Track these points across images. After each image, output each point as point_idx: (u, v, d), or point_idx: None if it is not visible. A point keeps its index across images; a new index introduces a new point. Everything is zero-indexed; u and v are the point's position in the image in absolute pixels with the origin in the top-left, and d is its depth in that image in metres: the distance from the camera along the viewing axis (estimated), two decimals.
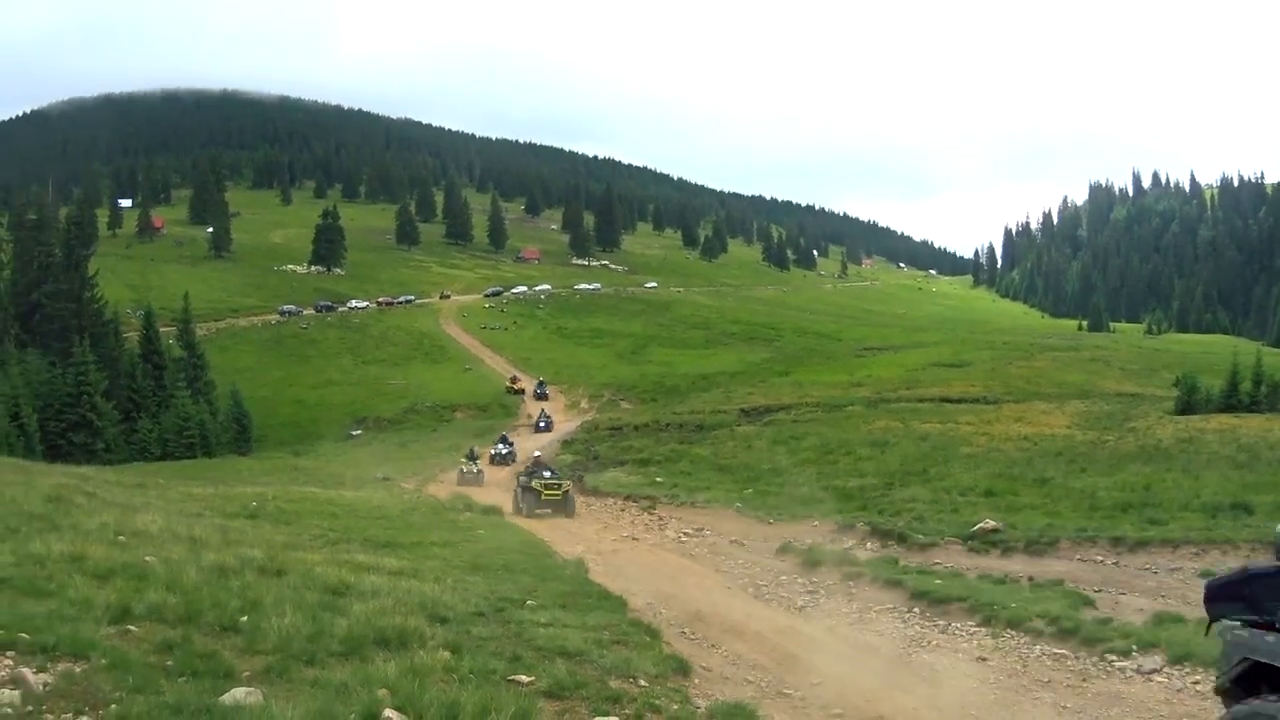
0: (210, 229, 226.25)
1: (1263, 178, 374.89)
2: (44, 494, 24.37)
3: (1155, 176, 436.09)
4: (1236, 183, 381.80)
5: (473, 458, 61.62)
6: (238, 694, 8.88)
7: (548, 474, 44.39)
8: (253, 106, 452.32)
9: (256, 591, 13.50)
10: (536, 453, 54.02)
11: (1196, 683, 14.15)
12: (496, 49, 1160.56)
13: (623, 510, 43.41)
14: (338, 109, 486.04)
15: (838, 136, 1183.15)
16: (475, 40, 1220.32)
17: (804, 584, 24.07)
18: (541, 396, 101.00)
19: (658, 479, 51.14)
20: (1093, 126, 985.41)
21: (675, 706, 11.53)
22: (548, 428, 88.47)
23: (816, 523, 33.39)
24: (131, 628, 10.91)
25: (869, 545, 29.24)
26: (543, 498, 42.02)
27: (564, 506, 42.07)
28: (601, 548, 30.23)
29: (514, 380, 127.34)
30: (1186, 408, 65.31)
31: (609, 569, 25.35)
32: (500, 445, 66.24)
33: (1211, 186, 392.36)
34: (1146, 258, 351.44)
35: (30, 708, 8.33)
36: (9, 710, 8.19)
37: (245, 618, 11.92)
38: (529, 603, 17.34)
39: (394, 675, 10.09)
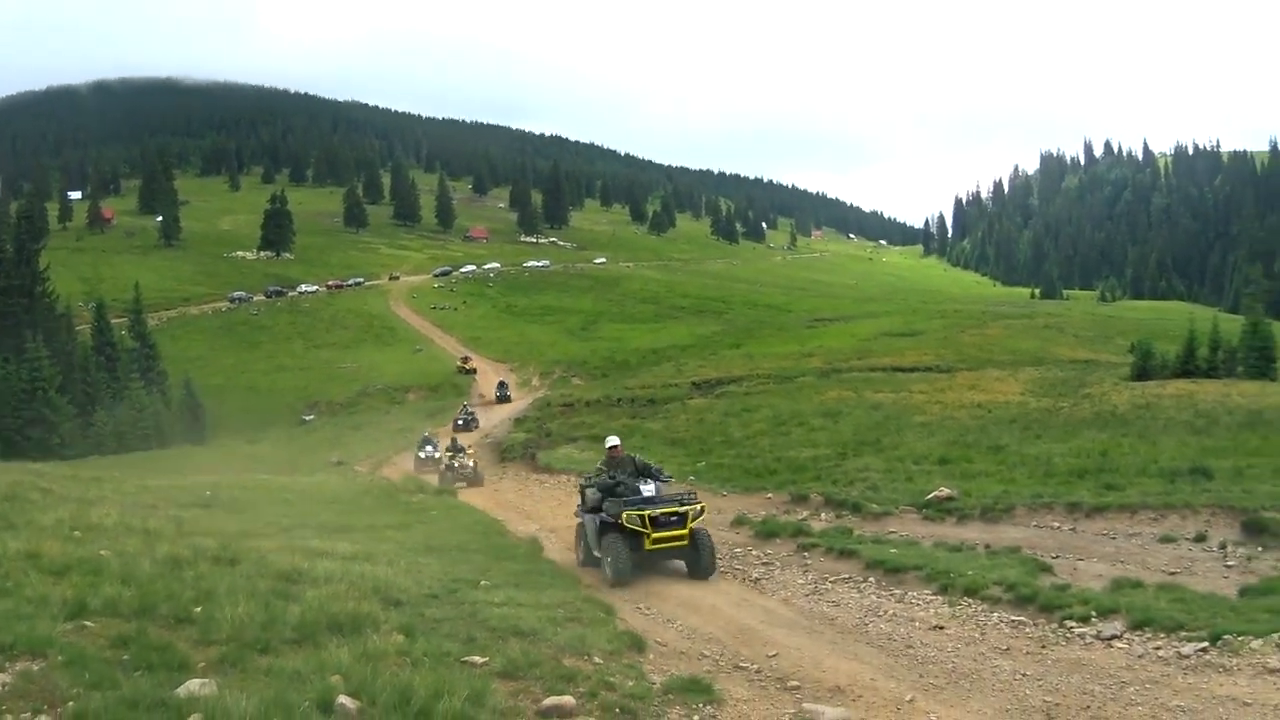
0: (160, 218, 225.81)
1: (1218, 145, 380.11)
2: None
3: (1107, 145, 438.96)
4: (1191, 151, 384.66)
5: (430, 441, 59.09)
6: (192, 686, 8.89)
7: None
8: (199, 94, 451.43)
9: (210, 581, 13.43)
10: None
11: (1157, 648, 14.17)
12: (441, 30, 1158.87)
13: (576, 487, 43.55)
14: (284, 93, 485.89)
15: (787, 109, 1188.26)
16: (419, 22, 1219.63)
17: (759, 556, 23.96)
18: (503, 399, 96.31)
19: None
20: (1044, 96, 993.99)
21: (630, 683, 11.57)
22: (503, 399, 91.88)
23: (770, 494, 33.32)
24: (88, 623, 10.87)
25: (823, 516, 29.15)
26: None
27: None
28: (555, 525, 30.24)
29: (465, 360, 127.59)
30: (1142, 374, 65.37)
31: (563, 546, 25.55)
32: (429, 447, 58.69)
33: (1165, 155, 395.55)
34: (1099, 226, 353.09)
35: None
36: None
37: (199, 608, 11.87)
38: (483, 583, 17.39)
39: (347, 661, 10.12)
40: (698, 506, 22.22)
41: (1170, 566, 20.42)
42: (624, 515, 21.46)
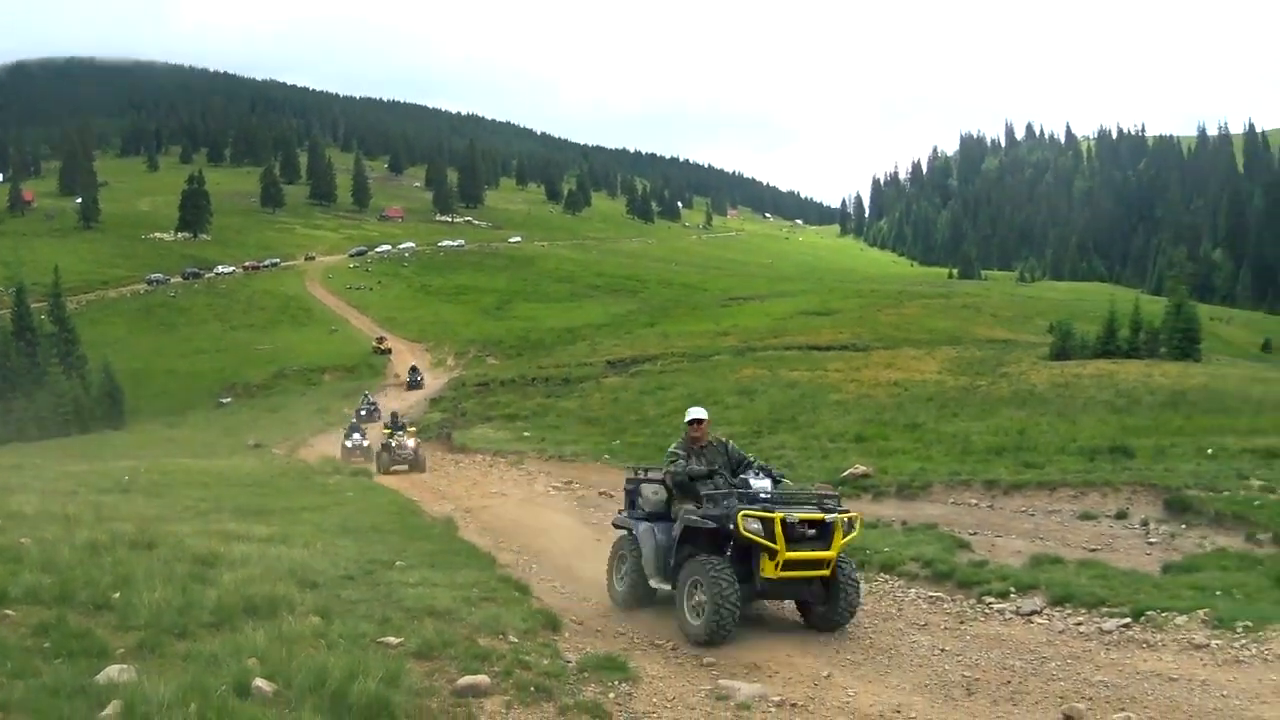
0: (79, 200, 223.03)
1: (1144, 130, 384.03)
2: None
3: (1029, 128, 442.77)
4: (1115, 135, 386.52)
5: (357, 428, 54.97)
6: (112, 672, 8.95)
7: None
8: (118, 73, 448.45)
9: (128, 567, 13.42)
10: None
11: (1079, 624, 14.41)
12: (359, 9, 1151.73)
13: (491, 466, 43.52)
14: (203, 72, 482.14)
15: (704, 89, 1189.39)
16: (337, 1, 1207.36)
17: None
18: (415, 385, 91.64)
19: (525, 434, 51.35)
20: (965, 78, 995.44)
21: (545, 661, 11.62)
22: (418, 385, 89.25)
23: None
24: (9, 611, 10.92)
25: None
26: None
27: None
28: (470, 505, 30.34)
29: (380, 340, 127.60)
30: (1061, 354, 66.06)
31: (478, 526, 25.67)
32: (356, 435, 53.83)
33: (1088, 138, 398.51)
34: (1019, 207, 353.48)
35: None
36: None
37: (117, 594, 11.89)
38: (398, 563, 17.41)
39: (263, 644, 10.16)
40: (848, 515, 14.77)
41: (1091, 543, 20.74)
42: (739, 517, 13.81)
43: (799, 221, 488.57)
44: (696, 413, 16.53)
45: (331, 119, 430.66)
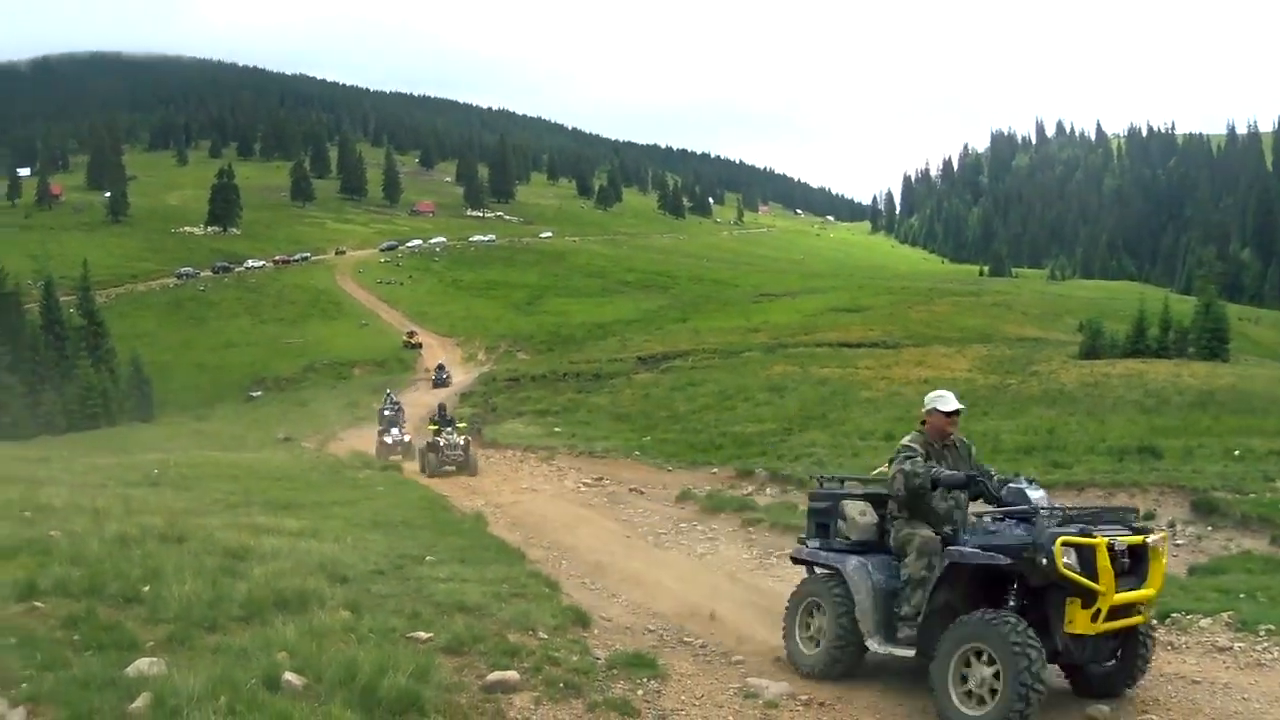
0: (108, 194, 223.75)
1: (1174, 128, 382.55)
2: None
3: (1059, 125, 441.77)
4: (1145, 133, 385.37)
5: (395, 422, 52.45)
6: (141, 665, 8.99)
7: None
8: (147, 68, 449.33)
9: (158, 560, 13.42)
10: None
11: None
12: (389, 3, 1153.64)
13: (521, 462, 43.41)
14: (232, 66, 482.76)
15: (736, 84, 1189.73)
16: None
17: (704, 531, 24.17)
18: (441, 383, 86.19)
19: (556, 429, 51.27)
20: (996, 75, 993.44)
21: (575, 658, 11.57)
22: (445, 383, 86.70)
23: (716, 469, 33.51)
24: (38, 604, 10.94)
25: (768, 491, 29.44)
26: None
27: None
28: (501, 500, 30.22)
29: (411, 335, 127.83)
30: (1091, 352, 65.75)
31: (508, 521, 25.52)
32: (396, 430, 51.21)
33: (1118, 136, 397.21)
34: (1050, 205, 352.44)
35: None
36: None
37: (147, 587, 11.91)
38: (428, 558, 17.40)
39: (293, 637, 10.18)
40: (1159, 534, 10.90)
41: None
42: (1056, 545, 9.72)
43: (830, 218, 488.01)
44: (950, 401, 12.08)
45: (362, 113, 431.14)
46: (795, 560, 13.34)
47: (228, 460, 39.58)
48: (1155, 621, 12.09)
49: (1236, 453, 28.99)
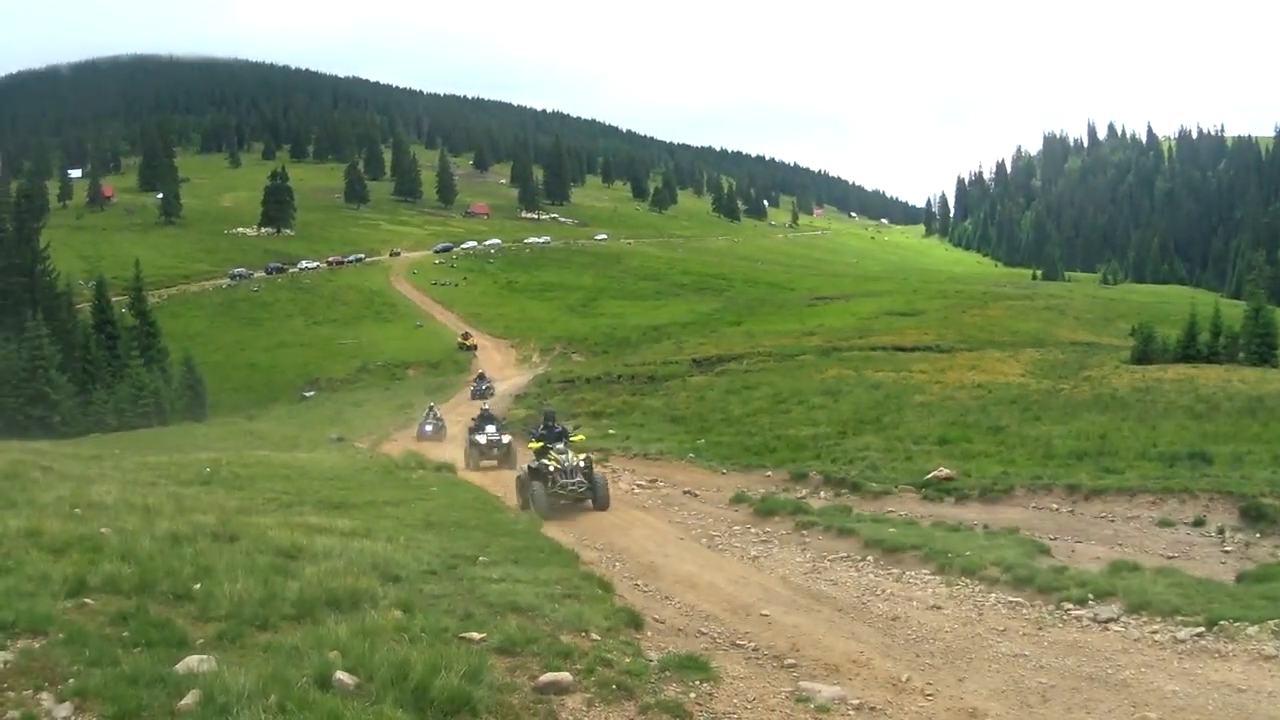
0: (160, 195, 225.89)
1: (1223, 130, 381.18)
2: (0, 471, 24.34)
3: (1110, 128, 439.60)
4: (1195, 135, 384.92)
5: (490, 419, 47.93)
6: (191, 662, 8.97)
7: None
8: (199, 70, 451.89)
9: (209, 558, 13.45)
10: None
11: (1154, 631, 14.21)
12: (441, 5, 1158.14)
13: None
14: (285, 69, 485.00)
15: (789, 87, 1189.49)
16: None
17: (757, 534, 24.05)
18: (481, 394, 77.78)
19: (610, 431, 51.07)
20: (1047, 77, 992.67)
21: (627, 660, 11.54)
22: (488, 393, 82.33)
23: (770, 472, 33.40)
24: (88, 600, 10.95)
25: (822, 494, 29.29)
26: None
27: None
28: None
29: (465, 336, 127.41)
30: (1143, 357, 65.61)
31: (562, 523, 25.53)
32: (491, 427, 48.71)
33: (1169, 138, 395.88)
34: (1102, 208, 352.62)
35: None
36: None
37: (198, 585, 11.93)
38: (481, 559, 17.40)
39: (345, 637, 10.18)
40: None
41: (1168, 550, 20.70)
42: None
43: (884, 221, 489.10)
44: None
45: (415, 116, 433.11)
46: None
47: (280, 460, 39.56)
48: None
49: None
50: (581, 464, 28.91)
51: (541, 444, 29.47)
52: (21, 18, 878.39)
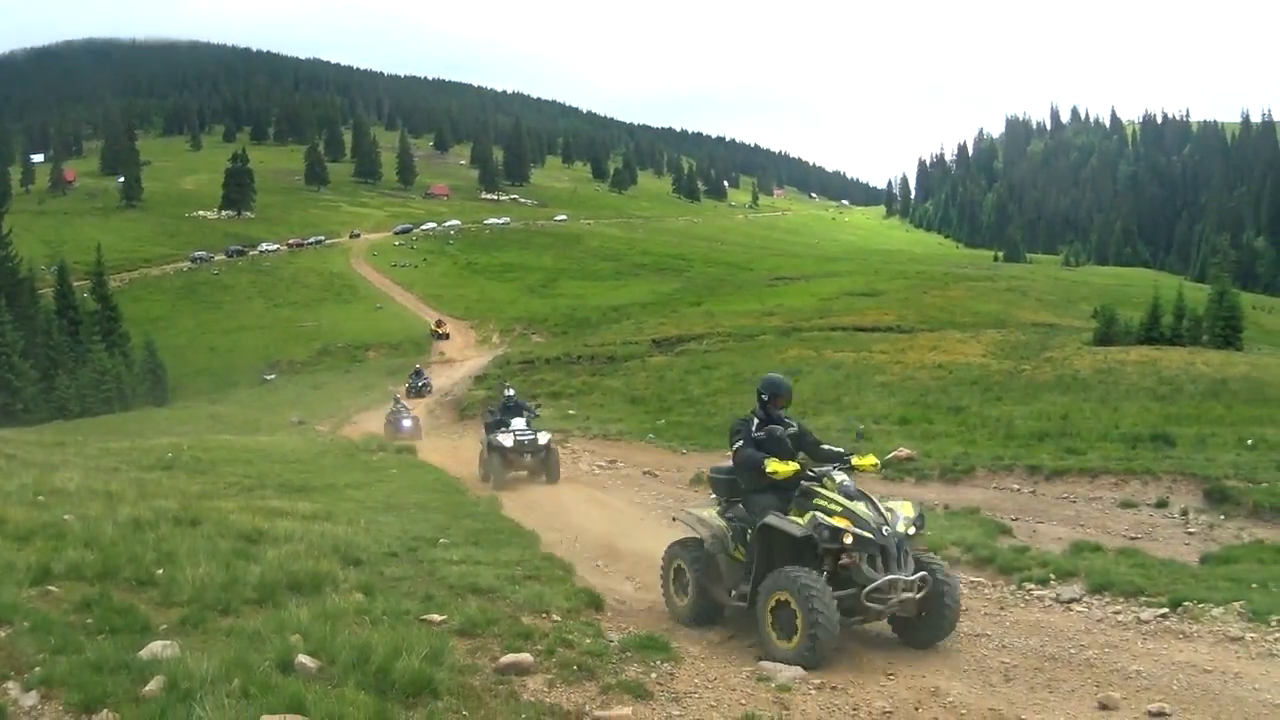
0: (121, 179, 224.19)
1: (1188, 115, 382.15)
2: None
3: (1074, 111, 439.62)
4: (1160, 119, 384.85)
5: (524, 406, 49.49)
6: (155, 648, 9.02)
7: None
8: (160, 53, 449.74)
9: (171, 543, 13.51)
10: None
11: (1117, 612, 14.25)
12: None
13: None
14: (246, 51, 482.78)
15: (751, 68, 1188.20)
16: None
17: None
18: (418, 391, 72.02)
19: (570, 412, 51.24)
20: (1010, 60, 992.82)
21: (588, 640, 11.61)
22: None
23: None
24: (52, 588, 11.00)
25: None
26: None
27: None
28: (515, 484, 30.16)
29: (439, 324, 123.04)
30: (1105, 339, 65.60)
31: (522, 505, 25.45)
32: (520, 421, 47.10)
33: (1133, 123, 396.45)
34: (1065, 191, 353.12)
35: None
36: None
37: (161, 570, 11.97)
38: (442, 541, 17.49)
39: (307, 620, 10.23)
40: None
41: (1131, 531, 20.71)
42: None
43: (845, 202, 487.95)
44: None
45: (375, 97, 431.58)
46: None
47: (241, 444, 39.56)
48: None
49: (1249, 442, 28.90)
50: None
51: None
52: None
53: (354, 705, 8.06)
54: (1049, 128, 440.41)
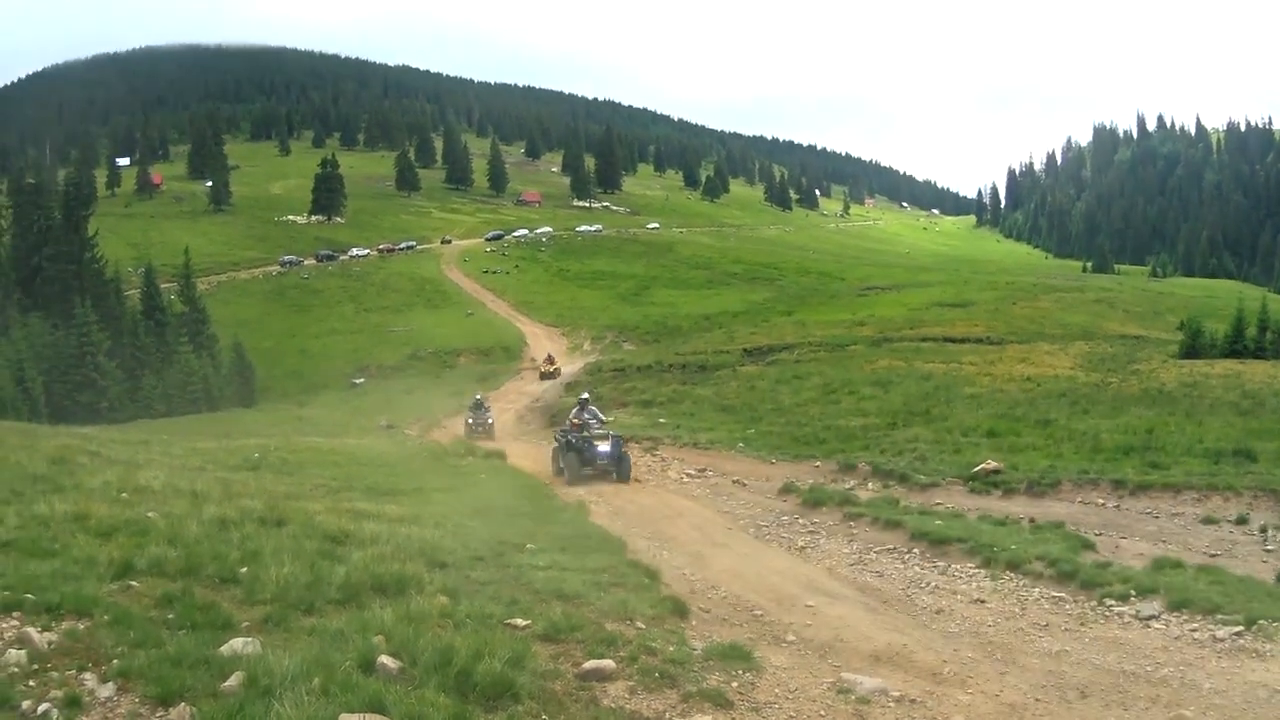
0: (209, 183, 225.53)
1: (1270, 123, 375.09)
2: (48, 456, 24.46)
3: (1160, 119, 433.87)
4: (1244, 127, 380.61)
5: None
6: (236, 644, 9.04)
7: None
8: (248, 59, 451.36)
9: (256, 542, 13.62)
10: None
11: (1194, 630, 14.18)
12: None
13: (625, 452, 43.49)
14: (334, 58, 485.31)
15: (842, 76, 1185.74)
16: None
17: (805, 524, 24.07)
18: (479, 427, 55.85)
19: (660, 420, 51.15)
20: (1097, 68, 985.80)
21: (671, 648, 11.58)
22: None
23: (819, 463, 33.38)
24: (133, 583, 11.06)
25: (870, 485, 29.29)
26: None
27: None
28: (603, 490, 30.23)
29: (550, 361, 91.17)
30: (1191, 352, 65.14)
31: (610, 511, 25.55)
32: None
33: (1218, 131, 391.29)
34: (1151, 200, 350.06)
35: (36, 666, 8.55)
36: (16, 669, 8.44)
37: (244, 569, 12.05)
38: (528, 546, 17.45)
39: (390, 621, 10.24)
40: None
41: (1211, 548, 20.72)
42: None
43: (935, 211, 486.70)
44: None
45: (465, 104, 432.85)
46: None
47: (329, 446, 39.76)
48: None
49: None
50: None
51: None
52: (72, 7, 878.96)
53: (434, 706, 8.06)
54: (1135, 136, 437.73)
